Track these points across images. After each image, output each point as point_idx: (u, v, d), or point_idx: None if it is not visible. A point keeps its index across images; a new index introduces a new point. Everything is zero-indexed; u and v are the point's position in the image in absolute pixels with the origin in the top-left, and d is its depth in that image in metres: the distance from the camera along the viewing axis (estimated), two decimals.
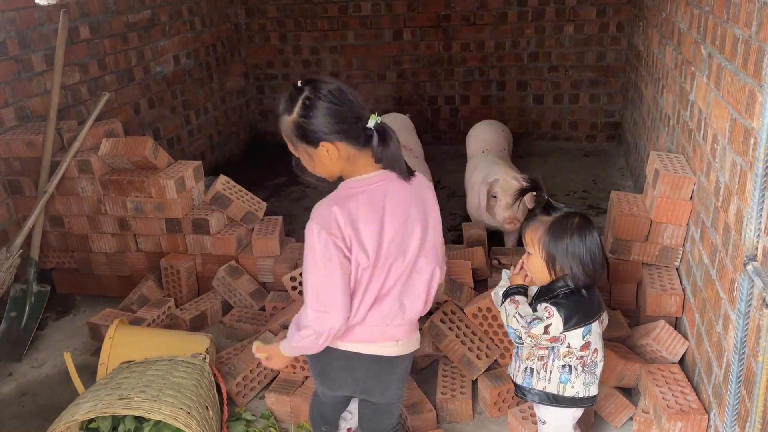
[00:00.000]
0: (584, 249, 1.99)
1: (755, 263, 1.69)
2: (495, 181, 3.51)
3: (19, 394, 2.92)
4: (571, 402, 2.10)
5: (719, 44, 2.31)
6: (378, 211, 1.77)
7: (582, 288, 2.02)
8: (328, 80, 1.76)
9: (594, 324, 2.05)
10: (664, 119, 3.42)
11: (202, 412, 2.26)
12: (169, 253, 3.45)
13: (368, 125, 1.75)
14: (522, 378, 2.14)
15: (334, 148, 1.73)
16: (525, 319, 2.01)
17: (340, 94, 1.73)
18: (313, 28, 5.82)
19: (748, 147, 1.90)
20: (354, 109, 1.74)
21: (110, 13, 4.28)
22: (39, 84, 3.68)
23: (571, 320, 1.99)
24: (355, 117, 1.74)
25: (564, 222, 2.01)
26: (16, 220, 3.54)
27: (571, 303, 2.00)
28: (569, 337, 2.02)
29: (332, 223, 1.71)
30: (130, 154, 3.33)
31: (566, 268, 2.00)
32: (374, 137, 1.74)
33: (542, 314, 2.00)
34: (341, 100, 1.72)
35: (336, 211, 1.72)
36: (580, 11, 5.28)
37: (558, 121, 5.70)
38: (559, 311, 1.98)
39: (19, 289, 3.32)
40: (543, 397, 2.10)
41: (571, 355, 2.04)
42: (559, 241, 1.99)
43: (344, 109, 1.72)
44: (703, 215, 2.46)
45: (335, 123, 1.71)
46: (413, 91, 5.83)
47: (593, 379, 2.10)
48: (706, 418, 2.20)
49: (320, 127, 1.71)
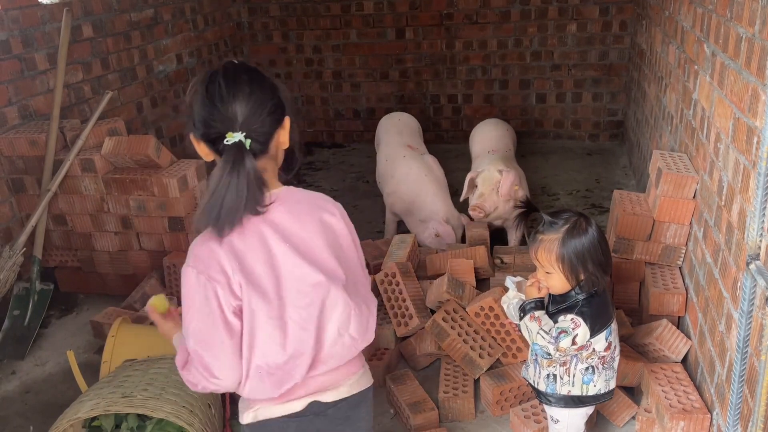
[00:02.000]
0: (600, 249, 1.98)
1: (758, 262, 1.69)
2: (481, 171, 3.62)
3: (23, 391, 2.93)
4: (595, 399, 2.10)
5: (722, 43, 2.30)
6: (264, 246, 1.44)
7: (599, 288, 2.02)
8: (233, 68, 1.45)
9: (614, 323, 2.06)
10: (667, 118, 3.42)
11: (204, 410, 2.27)
12: (172, 251, 3.46)
13: (226, 139, 1.39)
14: (545, 385, 2.10)
15: (197, 145, 1.49)
16: (550, 335, 1.97)
17: (219, 88, 1.41)
18: (315, 26, 5.83)
19: (751, 146, 1.89)
20: (217, 113, 1.41)
21: (113, 12, 4.29)
22: (42, 83, 3.69)
23: (596, 326, 1.99)
24: (212, 121, 1.42)
25: (576, 231, 1.97)
26: (19, 218, 3.55)
27: (593, 309, 1.99)
28: (594, 342, 2.02)
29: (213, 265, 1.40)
30: (132, 153, 3.34)
31: (591, 273, 1.97)
32: (224, 153, 1.39)
33: (568, 326, 1.97)
34: (217, 93, 1.41)
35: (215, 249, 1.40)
36: (583, 10, 5.27)
37: (561, 120, 5.69)
38: (586, 321, 1.97)
39: (22, 287, 3.33)
40: (568, 400, 2.09)
41: (594, 356, 2.03)
42: (581, 250, 1.95)
43: (209, 106, 1.41)
44: (706, 214, 2.45)
45: (197, 117, 1.45)
46: (416, 90, 5.82)
47: (612, 374, 2.10)
48: (708, 417, 2.20)
49: (191, 114, 1.47)
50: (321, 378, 1.55)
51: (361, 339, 1.57)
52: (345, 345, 1.54)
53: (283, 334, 1.45)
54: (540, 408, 2.41)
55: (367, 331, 1.59)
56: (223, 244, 1.40)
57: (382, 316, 2.87)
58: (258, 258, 1.42)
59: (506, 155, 4.12)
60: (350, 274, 1.54)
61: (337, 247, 1.54)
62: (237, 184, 1.36)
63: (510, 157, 4.16)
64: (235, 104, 1.40)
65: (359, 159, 5.68)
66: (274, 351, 1.45)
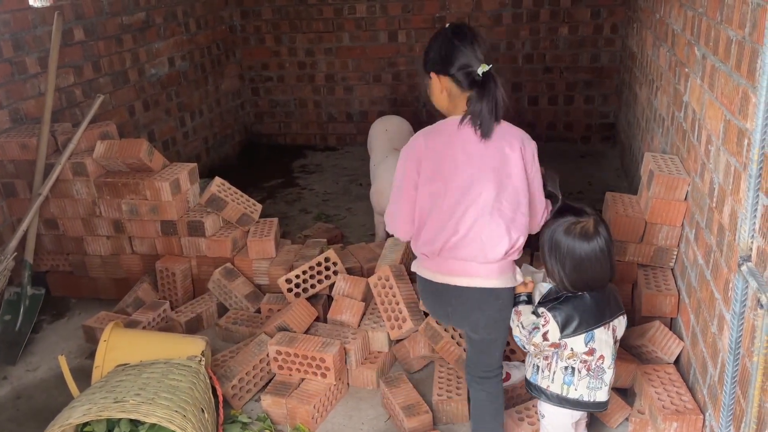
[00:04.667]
0: (573, 255, 1.97)
1: (749, 264, 1.70)
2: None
3: (14, 397, 2.91)
4: (576, 404, 2.10)
5: (713, 45, 2.32)
6: (448, 150, 2.03)
7: (582, 291, 2.02)
8: (462, 24, 2.08)
9: (597, 330, 2.03)
10: (659, 120, 3.43)
11: (198, 415, 2.26)
12: (165, 255, 3.45)
13: (477, 71, 1.94)
14: (530, 373, 2.17)
15: (437, 81, 2.03)
16: (527, 329, 2.04)
17: (462, 34, 1.98)
18: (308, 29, 5.82)
19: (742, 148, 1.90)
20: (465, 53, 1.95)
21: (105, 15, 4.27)
22: (33, 86, 3.67)
23: (570, 325, 1.99)
24: (464, 59, 1.95)
25: (568, 227, 1.98)
26: (10, 222, 3.53)
27: (568, 307, 2.00)
28: (570, 344, 2.03)
29: (414, 148, 2.08)
30: (125, 157, 3.32)
31: (551, 269, 2.03)
32: (476, 85, 1.96)
33: (539, 321, 2.01)
34: (460, 40, 1.96)
35: (420, 139, 2.08)
36: (574, 13, 5.30)
37: (553, 123, 5.71)
38: (555, 316, 1.99)
39: (13, 292, 3.30)
40: (551, 396, 2.11)
41: (575, 357, 2.04)
42: (552, 242, 2.01)
43: (456, 49, 1.96)
44: (697, 216, 2.47)
45: (444, 58, 1.98)
46: (408, 93, 5.83)
47: (600, 384, 2.08)
48: (701, 418, 2.20)
49: (433, 57, 2.02)
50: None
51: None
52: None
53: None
54: (534, 410, 2.41)
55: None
56: (426, 136, 2.12)
57: (375, 319, 2.86)
58: (443, 154, 2.09)
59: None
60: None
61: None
62: (491, 106, 2.00)
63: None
64: (468, 40, 1.99)
65: (352, 162, 5.68)
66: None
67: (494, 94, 1.97)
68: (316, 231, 4.05)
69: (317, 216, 4.61)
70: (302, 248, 3.43)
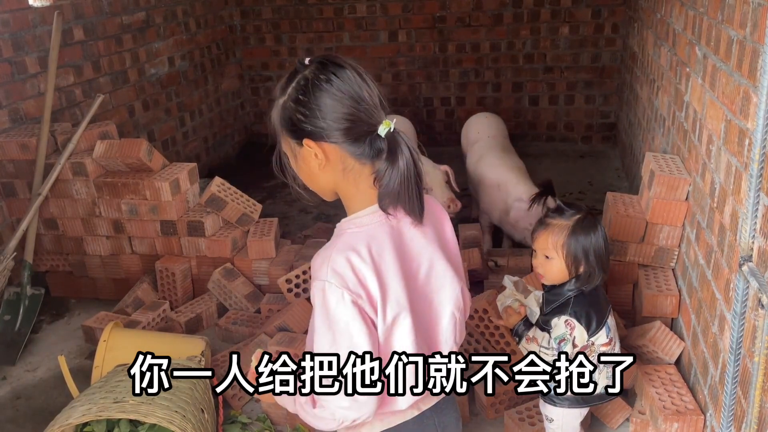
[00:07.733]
0: (604, 245, 2.03)
1: (750, 264, 1.69)
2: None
3: (14, 397, 2.90)
4: (600, 399, 2.12)
5: (714, 45, 2.31)
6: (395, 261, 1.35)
7: (593, 284, 2.04)
8: (342, 61, 1.30)
9: (610, 318, 2.09)
10: (660, 120, 3.43)
11: (197, 415, 2.25)
12: (164, 255, 3.44)
13: (379, 132, 1.28)
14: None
15: (321, 151, 1.29)
16: (552, 348, 2.03)
17: (350, 80, 1.27)
18: (308, 29, 5.82)
19: (743, 148, 1.90)
20: (362, 107, 1.27)
21: (104, 15, 4.27)
22: (33, 86, 3.67)
23: (592, 322, 2.02)
24: (360, 117, 1.27)
25: (585, 223, 2.03)
26: (9, 223, 3.52)
27: (585, 307, 2.02)
28: (596, 340, 2.05)
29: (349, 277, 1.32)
30: (124, 157, 3.32)
31: (591, 267, 2.02)
32: (383, 152, 1.27)
33: (564, 332, 2.01)
34: (350, 88, 1.26)
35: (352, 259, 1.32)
36: (575, 12, 5.29)
37: (553, 123, 5.70)
38: (580, 321, 2.01)
39: (13, 292, 3.30)
40: (573, 401, 2.10)
41: (593, 353, 2.06)
42: (587, 242, 2.01)
43: (348, 102, 1.26)
44: (698, 216, 2.46)
45: (331, 117, 1.25)
46: (409, 93, 5.82)
47: (610, 371, 2.10)
48: (702, 418, 2.20)
49: (311, 117, 1.27)
50: None
51: None
52: None
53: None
54: (535, 411, 2.40)
55: None
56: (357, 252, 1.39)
57: None
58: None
59: (503, 143, 4.13)
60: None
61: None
62: (403, 176, 1.28)
63: (508, 145, 4.17)
64: (364, 87, 1.29)
65: None
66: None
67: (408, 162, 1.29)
68: (316, 231, 4.05)
69: (317, 216, 4.61)
70: (302, 248, 3.42)
